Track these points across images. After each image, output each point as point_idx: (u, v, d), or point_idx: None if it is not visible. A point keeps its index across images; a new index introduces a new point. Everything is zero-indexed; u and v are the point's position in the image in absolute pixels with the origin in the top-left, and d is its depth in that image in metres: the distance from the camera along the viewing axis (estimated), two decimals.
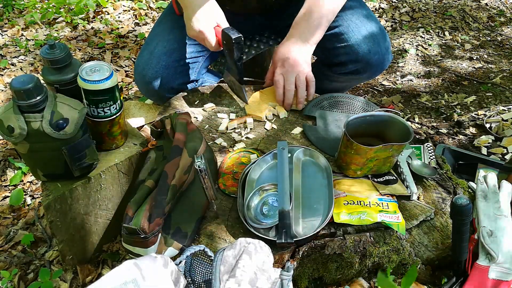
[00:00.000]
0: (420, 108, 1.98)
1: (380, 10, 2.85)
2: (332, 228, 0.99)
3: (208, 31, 1.21)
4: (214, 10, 1.24)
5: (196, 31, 1.22)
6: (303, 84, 1.28)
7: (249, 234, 0.96)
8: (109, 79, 0.96)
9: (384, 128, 1.12)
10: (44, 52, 0.95)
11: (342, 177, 1.11)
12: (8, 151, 1.70)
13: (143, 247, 0.90)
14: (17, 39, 2.51)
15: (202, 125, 1.28)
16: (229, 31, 1.18)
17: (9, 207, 1.47)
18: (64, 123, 0.89)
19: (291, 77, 1.27)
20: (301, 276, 0.99)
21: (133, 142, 1.12)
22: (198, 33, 1.22)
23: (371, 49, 1.33)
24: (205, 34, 1.21)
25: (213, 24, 1.22)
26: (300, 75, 1.27)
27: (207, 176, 0.95)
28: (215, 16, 1.23)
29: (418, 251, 1.04)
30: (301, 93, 1.29)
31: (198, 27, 1.21)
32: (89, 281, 1.12)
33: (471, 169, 1.28)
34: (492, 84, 2.10)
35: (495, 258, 0.97)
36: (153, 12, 2.80)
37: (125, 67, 2.30)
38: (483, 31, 2.64)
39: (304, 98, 1.31)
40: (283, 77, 1.28)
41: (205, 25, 1.21)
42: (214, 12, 1.23)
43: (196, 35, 1.24)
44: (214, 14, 1.23)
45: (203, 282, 0.86)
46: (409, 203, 1.06)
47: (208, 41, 1.22)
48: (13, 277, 1.19)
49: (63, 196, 0.98)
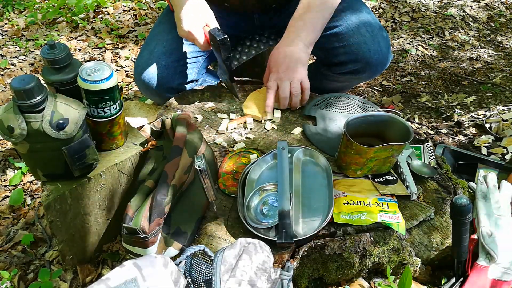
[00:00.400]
0: (420, 108, 1.98)
1: (380, 10, 2.85)
2: (332, 228, 0.99)
3: (196, 32, 1.21)
4: (202, 9, 1.24)
5: (185, 31, 1.23)
6: (297, 91, 1.26)
7: (249, 234, 0.96)
8: (109, 79, 0.95)
9: (384, 128, 1.12)
10: (44, 52, 0.95)
11: (342, 177, 1.11)
12: (8, 151, 1.70)
13: (143, 247, 0.90)
14: (17, 39, 2.51)
15: (202, 125, 1.28)
16: (214, 32, 1.19)
17: (9, 207, 1.47)
18: (64, 123, 0.89)
19: (285, 84, 1.25)
20: (301, 276, 0.99)
21: (133, 142, 1.12)
22: (187, 34, 1.23)
23: (371, 49, 1.33)
24: (193, 34, 1.22)
25: (201, 24, 1.23)
26: (295, 82, 1.25)
27: (207, 176, 0.95)
28: (203, 15, 1.24)
29: (418, 251, 1.04)
30: (295, 100, 1.27)
31: (187, 27, 1.22)
32: (89, 281, 1.12)
33: (471, 169, 1.28)
34: (492, 84, 2.10)
35: (495, 258, 0.97)
36: (153, 12, 2.80)
37: (125, 67, 2.30)
38: (483, 31, 2.64)
39: (298, 105, 1.30)
40: (277, 84, 1.26)
41: (193, 25, 1.21)
42: (202, 12, 1.24)
43: (185, 35, 1.25)
44: (203, 13, 1.24)
45: (203, 282, 0.86)
46: (409, 203, 1.06)
47: (197, 41, 1.23)
48: (13, 277, 1.19)
49: (63, 196, 0.98)
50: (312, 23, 1.27)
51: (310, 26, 1.27)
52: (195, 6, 1.23)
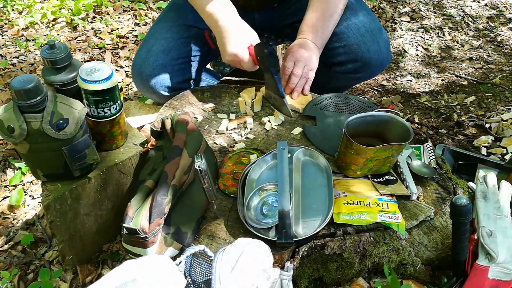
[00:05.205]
0: (420, 108, 1.98)
1: (380, 10, 2.85)
2: (332, 228, 0.99)
3: (242, 52, 1.21)
4: (246, 31, 1.24)
5: (231, 54, 1.22)
6: (306, 75, 1.30)
7: (249, 234, 0.96)
8: (109, 79, 0.96)
9: (384, 128, 1.12)
10: (44, 52, 0.95)
11: (342, 177, 1.11)
12: (8, 151, 1.70)
13: (143, 247, 0.90)
14: (17, 39, 2.51)
15: (202, 125, 1.28)
16: (261, 45, 1.19)
17: (9, 207, 1.47)
18: (64, 123, 0.89)
19: (301, 64, 1.28)
20: (301, 276, 0.99)
21: (133, 142, 1.12)
22: (233, 57, 1.22)
23: (371, 49, 1.33)
24: (239, 55, 1.21)
25: (246, 45, 1.22)
26: (308, 67, 1.29)
27: (207, 176, 0.95)
28: (248, 37, 1.23)
29: (418, 251, 1.04)
30: (301, 83, 1.31)
31: (232, 50, 1.21)
32: (89, 281, 1.12)
33: (471, 169, 1.28)
34: (492, 84, 2.10)
35: (495, 258, 0.97)
36: (153, 12, 2.80)
37: (125, 67, 2.30)
38: (483, 31, 2.65)
39: (299, 91, 1.33)
40: (294, 64, 1.29)
41: (239, 47, 1.21)
42: (247, 34, 1.24)
43: (231, 60, 1.24)
44: (247, 35, 1.24)
45: (203, 282, 0.86)
46: (409, 203, 1.06)
47: (243, 61, 1.22)
48: (13, 277, 1.19)
49: (63, 196, 0.98)
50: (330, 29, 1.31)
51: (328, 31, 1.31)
52: (239, 29, 1.23)
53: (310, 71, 1.30)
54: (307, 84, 1.33)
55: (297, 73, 1.28)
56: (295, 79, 1.30)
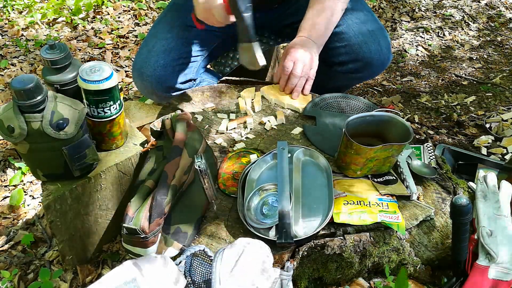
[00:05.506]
0: (420, 108, 1.98)
1: (380, 10, 2.85)
2: (332, 228, 0.99)
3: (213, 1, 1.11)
4: None
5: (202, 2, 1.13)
6: (307, 75, 1.30)
7: (249, 234, 0.96)
8: (109, 79, 0.96)
9: (384, 128, 1.12)
10: (44, 52, 0.95)
11: (342, 177, 1.11)
12: (8, 151, 1.70)
13: (143, 247, 0.90)
14: (17, 39, 2.51)
15: (202, 125, 1.28)
16: None
17: (9, 207, 1.47)
18: (64, 123, 0.89)
19: (300, 64, 1.28)
20: (301, 276, 0.99)
21: (133, 142, 1.12)
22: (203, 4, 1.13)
23: (372, 49, 1.33)
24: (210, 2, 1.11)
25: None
26: (308, 66, 1.29)
27: (207, 176, 0.95)
28: None
29: (418, 251, 1.04)
30: (301, 82, 1.31)
31: None
32: (89, 281, 1.12)
33: (471, 169, 1.28)
34: (492, 84, 2.10)
35: (495, 258, 0.97)
36: (153, 12, 2.80)
37: (125, 67, 2.30)
38: (483, 31, 2.64)
39: (299, 91, 1.33)
40: (293, 63, 1.29)
41: None
42: None
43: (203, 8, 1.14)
44: None
45: (203, 282, 0.86)
46: (409, 203, 1.06)
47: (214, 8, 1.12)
48: (13, 277, 1.19)
49: (63, 196, 0.98)
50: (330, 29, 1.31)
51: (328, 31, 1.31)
52: None
53: (311, 70, 1.30)
54: (308, 84, 1.33)
55: (297, 73, 1.28)
56: (294, 79, 1.30)
